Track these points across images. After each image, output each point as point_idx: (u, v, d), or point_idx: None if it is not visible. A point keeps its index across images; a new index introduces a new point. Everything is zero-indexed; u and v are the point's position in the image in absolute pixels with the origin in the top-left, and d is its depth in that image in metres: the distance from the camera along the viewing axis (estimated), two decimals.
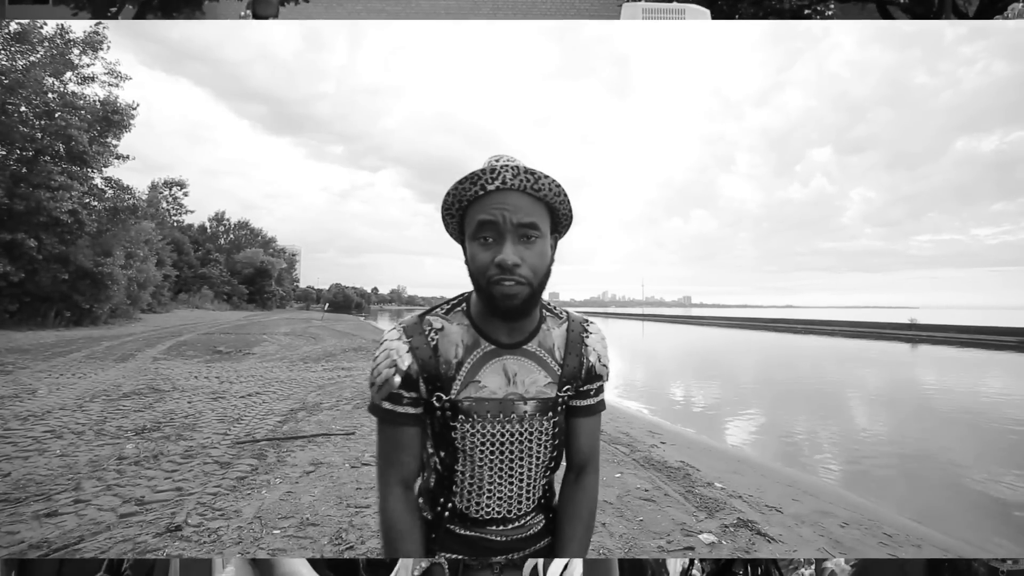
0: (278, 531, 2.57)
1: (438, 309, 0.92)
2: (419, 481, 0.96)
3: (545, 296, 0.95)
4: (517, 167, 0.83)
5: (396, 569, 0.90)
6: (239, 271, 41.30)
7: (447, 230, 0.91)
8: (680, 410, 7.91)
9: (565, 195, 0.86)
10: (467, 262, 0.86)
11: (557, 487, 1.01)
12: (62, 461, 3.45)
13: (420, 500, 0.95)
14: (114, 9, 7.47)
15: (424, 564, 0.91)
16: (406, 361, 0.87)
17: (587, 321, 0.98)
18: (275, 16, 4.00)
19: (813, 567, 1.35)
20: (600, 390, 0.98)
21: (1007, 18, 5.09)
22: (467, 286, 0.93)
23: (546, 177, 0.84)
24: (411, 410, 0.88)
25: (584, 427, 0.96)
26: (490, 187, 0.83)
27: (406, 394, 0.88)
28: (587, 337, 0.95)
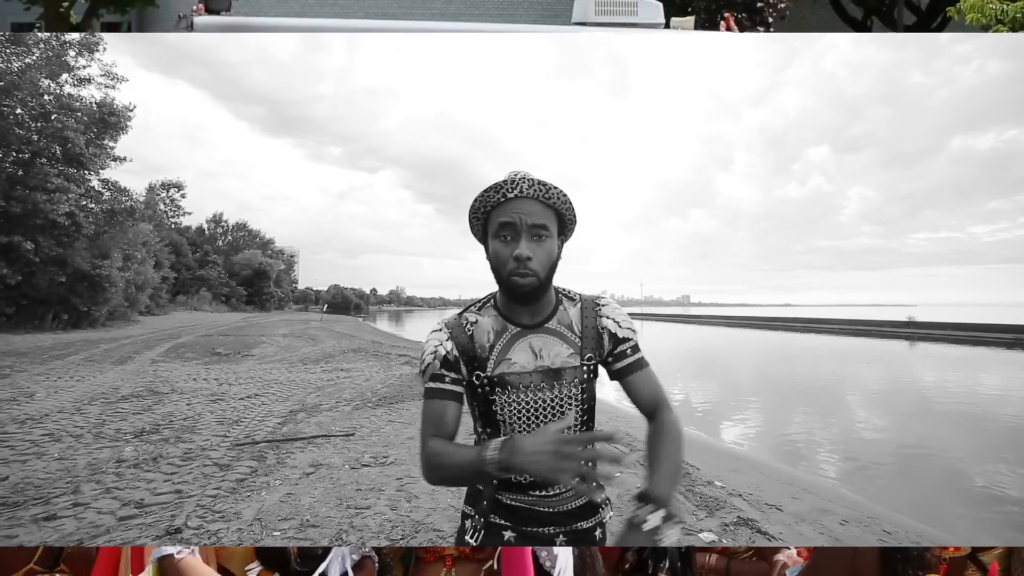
0: (278, 533, 2.56)
1: (472, 307, 1.10)
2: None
3: None
4: (532, 179, 1.02)
5: (329, 558, 0.91)
6: (237, 273, 41.22)
7: (472, 231, 1.08)
8: (679, 409, 7.87)
9: (571, 203, 1.05)
10: (489, 257, 1.04)
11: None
12: (60, 464, 3.44)
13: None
14: (67, 4, 7.29)
15: (356, 557, 0.95)
16: (447, 347, 1.03)
17: (599, 298, 1.13)
18: (227, 11, 3.96)
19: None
20: (635, 348, 1.10)
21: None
22: (461, 285, 1.07)
23: (555, 188, 1.02)
24: (451, 387, 1.03)
25: (637, 381, 1.09)
26: (510, 195, 1.01)
27: (448, 373, 1.03)
28: (600, 310, 1.10)
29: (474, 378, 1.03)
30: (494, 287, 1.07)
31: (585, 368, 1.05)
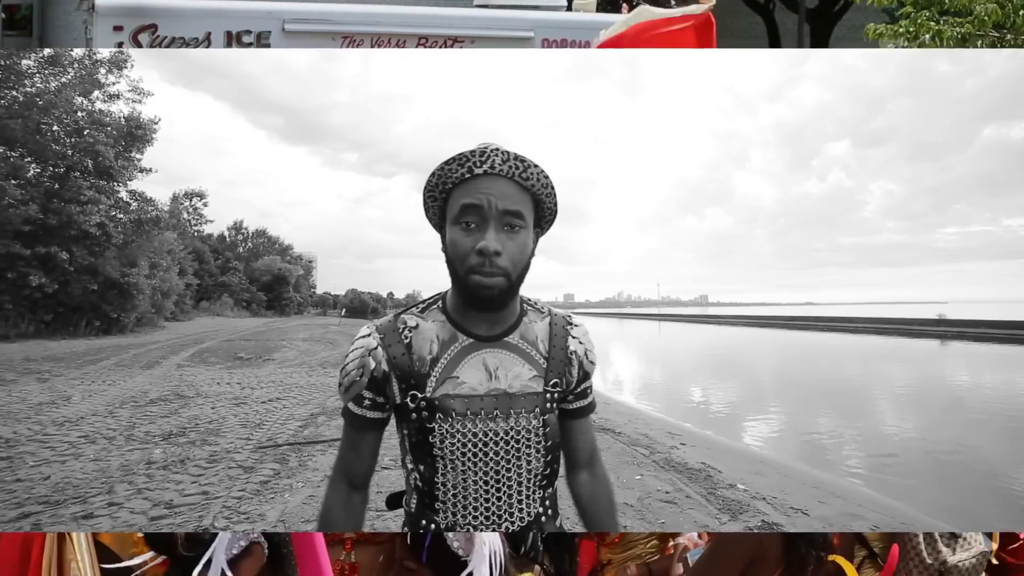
0: None
1: (413, 308, 0.88)
2: (404, 506, 0.92)
3: (558, 297, 1.01)
4: (507, 153, 0.80)
5: (214, 544, 0.89)
6: (257, 278, 42.20)
7: (427, 214, 0.87)
8: (699, 411, 7.77)
9: (552, 188, 0.84)
10: (445, 249, 0.83)
11: (562, 510, 0.97)
12: (96, 465, 3.57)
13: (404, 527, 0.90)
14: None
15: (244, 543, 0.89)
16: (375, 359, 0.83)
17: (570, 316, 0.94)
18: None
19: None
20: (590, 390, 0.95)
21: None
22: None
23: (536, 166, 0.81)
24: (372, 413, 0.86)
25: (582, 427, 0.94)
26: (478, 171, 0.79)
27: (369, 396, 0.85)
28: (572, 330, 0.91)
29: (408, 399, 0.82)
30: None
31: (548, 396, 0.85)
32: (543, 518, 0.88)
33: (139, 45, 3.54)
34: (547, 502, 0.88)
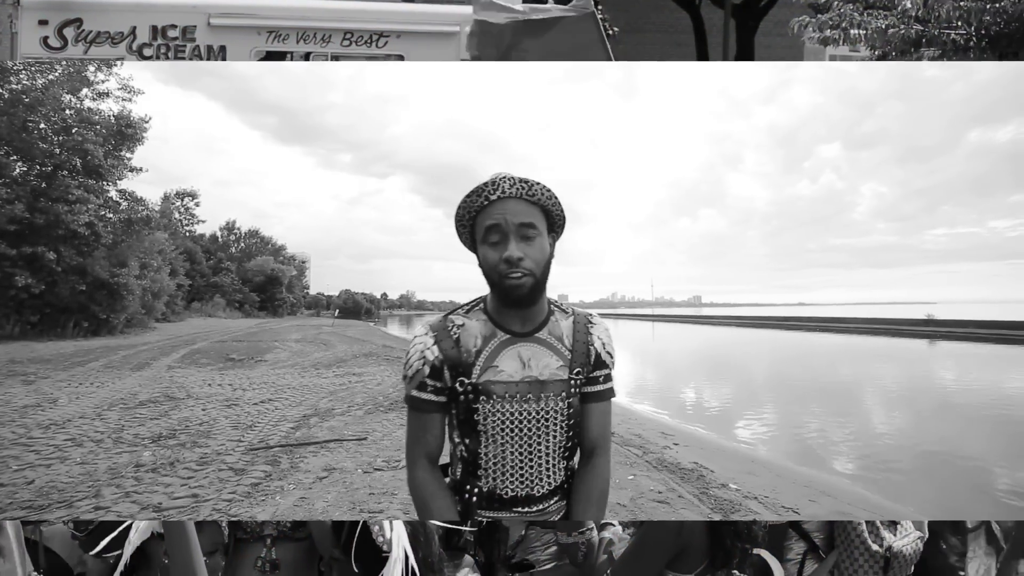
0: None
1: (460, 310, 1.06)
2: (448, 475, 1.06)
3: (553, 295, 1.09)
4: (513, 178, 0.98)
5: (132, 532, 0.92)
6: (250, 279, 41.85)
7: (461, 240, 1.05)
8: (692, 411, 7.82)
9: (556, 198, 1.01)
10: (480, 264, 1.01)
11: None
12: (82, 469, 3.52)
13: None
14: None
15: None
16: (432, 353, 1.00)
17: (591, 315, 1.10)
18: None
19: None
20: (608, 378, 1.08)
21: None
22: (473, 289, 1.04)
23: (538, 184, 0.99)
24: (435, 397, 1.01)
25: (595, 411, 1.06)
26: (492, 197, 0.98)
27: (431, 383, 1.01)
28: (592, 327, 1.07)
29: (457, 384, 0.99)
30: None
31: (572, 383, 1.02)
32: (565, 485, 1.04)
33: (65, 40, 3.51)
34: (568, 473, 1.06)
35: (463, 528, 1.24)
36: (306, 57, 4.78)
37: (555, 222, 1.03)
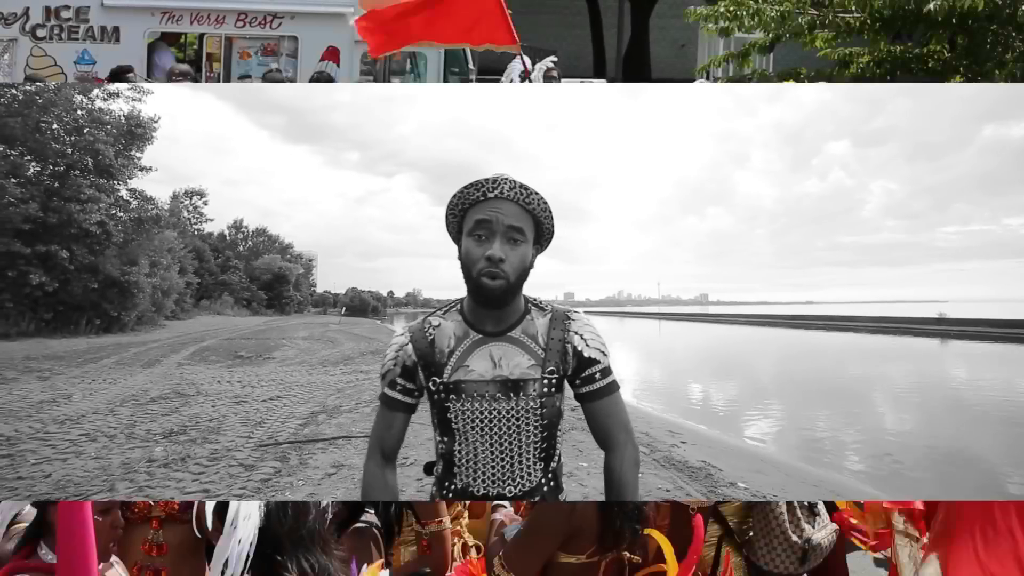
0: None
1: (438, 311, 1.08)
2: (434, 472, 1.08)
3: (559, 296, 1.08)
4: (514, 182, 0.99)
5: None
6: (258, 277, 42.19)
7: (447, 227, 1.06)
8: (699, 409, 7.78)
9: (550, 212, 1.03)
10: (460, 256, 1.01)
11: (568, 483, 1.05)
12: (97, 463, 3.58)
13: (433, 488, 1.07)
14: None
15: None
16: (406, 353, 1.04)
17: (571, 311, 1.07)
18: None
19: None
20: (604, 372, 1.04)
21: None
22: None
23: (536, 193, 1.00)
24: (402, 397, 1.05)
25: (597, 410, 1.04)
26: (490, 194, 0.99)
27: (401, 382, 1.04)
28: (569, 323, 1.04)
29: (431, 384, 1.01)
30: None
31: (546, 381, 1.00)
32: (544, 488, 1.02)
33: None
34: (549, 475, 1.03)
35: (368, 520, 1.29)
36: (199, 39, 4.82)
37: (543, 234, 1.04)
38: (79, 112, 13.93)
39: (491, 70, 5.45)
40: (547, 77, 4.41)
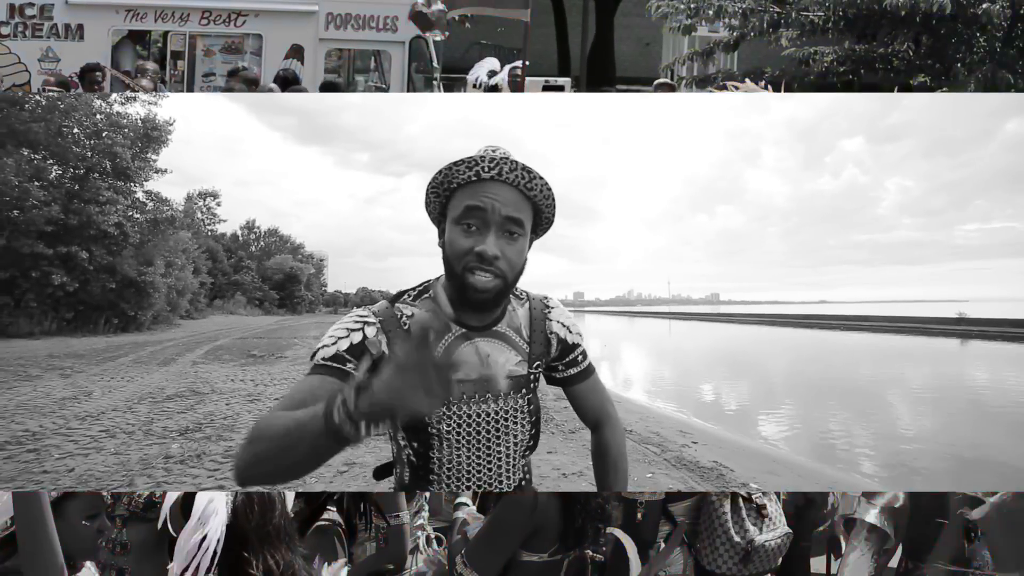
0: None
1: (405, 297, 0.91)
2: (393, 476, 0.96)
3: (568, 295, 1.00)
4: (515, 162, 0.82)
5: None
6: (270, 277, 42.75)
7: (427, 208, 0.90)
8: (711, 409, 7.70)
9: (553, 199, 0.88)
10: (442, 245, 0.87)
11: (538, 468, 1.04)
12: (117, 459, 3.67)
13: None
14: None
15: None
16: (375, 342, 0.82)
17: (547, 298, 1.00)
18: None
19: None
20: (583, 355, 1.01)
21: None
22: None
23: (540, 178, 0.84)
24: (344, 366, 0.79)
25: (583, 390, 1.01)
26: (485, 175, 0.82)
27: (353, 359, 0.80)
28: (549, 313, 0.98)
29: None
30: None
31: (532, 376, 0.93)
32: (523, 482, 0.97)
33: None
34: (526, 467, 0.99)
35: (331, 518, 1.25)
36: (164, 36, 4.86)
37: (541, 224, 0.92)
38: (98, 116, 14.27)
39: (456, 68, 5.45)
40: (512, 78, 4.39)
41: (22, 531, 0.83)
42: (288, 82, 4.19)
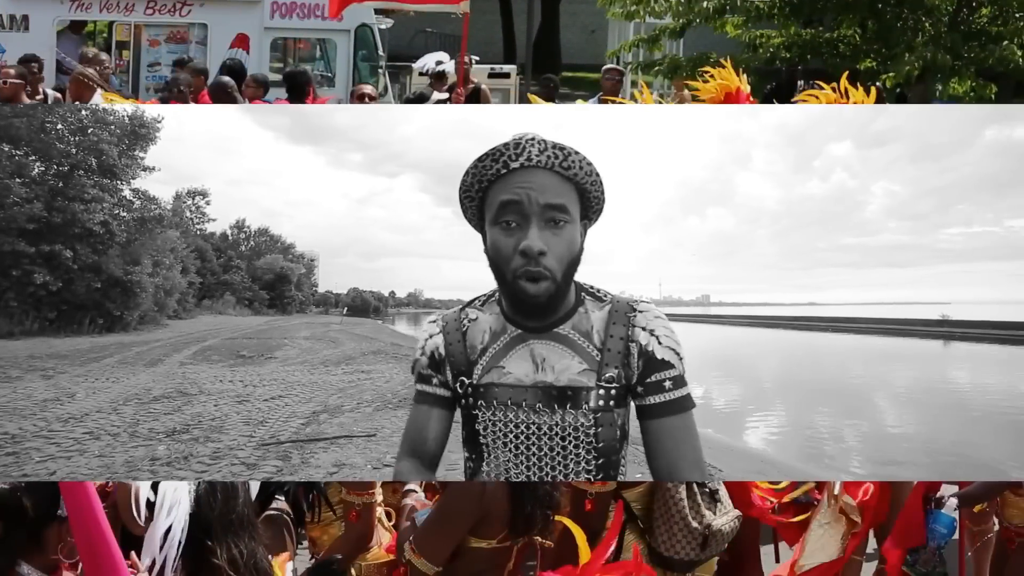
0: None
1: (476, 301, 0.89)
2: None
3: None
4: (544, 141, 0.74)
5: None
6: (260, 277, 42.28)
7: (465, 215, 0.83)
8: (700, 410, 7.74)
9: (597, 175, 0.78)
10: (487, 251, 0.79)
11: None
12: (101, 462, 3.59)
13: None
14: None
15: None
16: (436, 342, 0.86)
17: (636, 301, 0.84)
18: None
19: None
20: (676, 382, 0.78)
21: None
22: (479, 288, 0.91)
23: (577, 154, 0.74)
24: (437, 391, 0.86)
25: (660, 431, 0.78)
26: (513, 164, 0.74)
27: (435, 374, 0.86)
28: (635, 317, 0.80)
29: (458, 385, 0.82)
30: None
31: (603, 392, 0.77)
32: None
33: None
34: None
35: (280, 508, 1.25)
36: (109, 26, 4.78)
37: (591, 205, 0.80)
38: (83, 112, 14.01)
39: (401, 56, 5.42)
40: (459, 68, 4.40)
41: (75, 524, 0.82)
42: (235, 72, 4.06)
